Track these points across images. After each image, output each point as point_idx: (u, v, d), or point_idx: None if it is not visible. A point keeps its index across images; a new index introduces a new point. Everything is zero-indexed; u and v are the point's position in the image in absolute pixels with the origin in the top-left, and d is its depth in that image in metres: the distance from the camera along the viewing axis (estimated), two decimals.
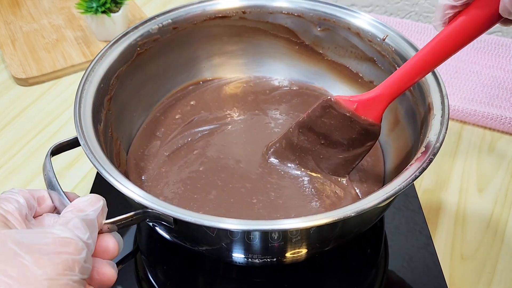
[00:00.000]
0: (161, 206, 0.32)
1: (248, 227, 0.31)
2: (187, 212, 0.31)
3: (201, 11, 0.52)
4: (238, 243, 0.36)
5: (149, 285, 0.44)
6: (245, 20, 0.54)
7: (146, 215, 0.33)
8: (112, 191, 0.34)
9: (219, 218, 0.31)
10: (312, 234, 0.36)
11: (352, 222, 0.37)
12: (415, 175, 0.34)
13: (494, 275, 0.45)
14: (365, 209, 0.31)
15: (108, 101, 0.45)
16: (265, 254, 0.37)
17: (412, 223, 0.48)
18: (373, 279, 0.45)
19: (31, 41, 0.74)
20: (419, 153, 0.36)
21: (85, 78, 0.42)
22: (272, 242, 0.35)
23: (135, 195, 0.33)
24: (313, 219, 0.31)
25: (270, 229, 0.32)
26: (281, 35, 0.55)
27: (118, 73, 0.46)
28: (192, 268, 0.45)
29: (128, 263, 0.46)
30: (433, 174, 0.55)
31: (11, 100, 0.66)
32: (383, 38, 0.48)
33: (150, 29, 0.49)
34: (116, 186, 0.33)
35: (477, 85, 0.64)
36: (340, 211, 0.31)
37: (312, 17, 0.52)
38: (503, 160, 0.56)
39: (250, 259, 0.37)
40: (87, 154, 0.35)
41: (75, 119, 0.38)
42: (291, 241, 0.36)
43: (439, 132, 0.37)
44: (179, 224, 0.33)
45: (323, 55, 0.55)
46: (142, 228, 0.49)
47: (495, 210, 0.51)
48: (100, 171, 0.34)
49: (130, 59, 0.48)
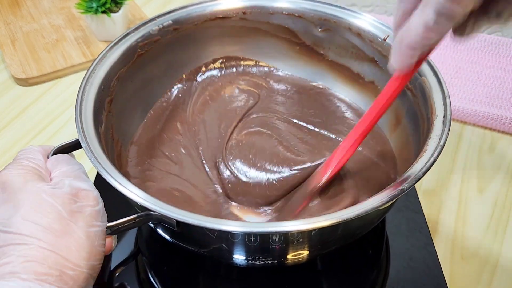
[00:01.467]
0: (163, 209, 0.32)
1: (249, 229, 0.32)
2: (189, 215, 0.31)
3: (202, 11, 0.52)
4: (239, 245, 0.36)
5: (150, 286, 0.44)
6: (245, 20, 0.54)
7: (149, 217, 0.33)
8: (112, 191, 0.34)
9: (221, 220, 0.31)
10: (314, 236, 0.36)
11: (354, 224, 0.37)
12: (418, 176, 0.34)
13: (494, 275, 0.45)
14: (367, 211, 0.31)
15: (109, 102, 0.44)
16: (266, 256, 0.37)
17: (412, 223, 0.48)
18: (374, 279, 0.45)
19: (31, 41, 0.74)
20: (422, 154, 0.36)
21: (85, 80, 0.42)
22: (273, 244, 0.35)
23: (138, 198, 0.33)
24: (315, 221, 0.31)
25: (271, 231, 0.32)
26: (282, 36, 0.55)
27: (118, 75, 0.46)
28: (193, 268, 0.45)
29: (129, 265, 0.46)
30: (433, 174, 0.55)
31: (11, 100, 0.66)
32: (384, 38, 0.48)
33: (151, 30, 0.49)
34: (119, 189, 0.33)
35: (478, 85, 0.64)
36: (341, 213, 0.31)
37: (312, 17, 0.52)
38: (503, 161, 0.56)
39: (251, 261, 0.37)
40: (89, 157, 0.35)
41: (76, 121, 0.38)
42: (292, 243, 0.36)
43: (441, 133, 0.37)
44: (182, 226, 0.33)
45: (324, 55, 0.55)
46: (143, 230, 0.49)
47: (495, 210, 0.51)
48: (102, 174, 0.34)
49: (131, 60, 0.48)
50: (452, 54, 0.70)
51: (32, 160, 0.34)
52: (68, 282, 0.28)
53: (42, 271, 0.27)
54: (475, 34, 0.31)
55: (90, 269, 0.30)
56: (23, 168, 0.33)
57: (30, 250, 0.28)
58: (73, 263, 0.29)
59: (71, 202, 0.31)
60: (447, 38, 0.31)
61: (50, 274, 0.28)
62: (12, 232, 0.28)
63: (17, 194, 0.30)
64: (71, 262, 0.29)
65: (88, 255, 0.30)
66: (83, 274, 0.29)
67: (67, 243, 0.29)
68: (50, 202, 0.30)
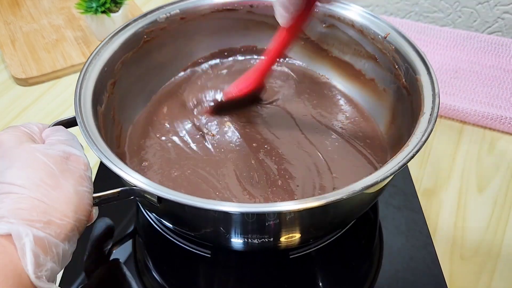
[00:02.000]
0: (145, 184, 0.33)
1: (219, 207, 0.32)
2: (169, 191, 0.32)
3: (209, 2, 0.53)
4: (229, 224, 0.36)
5: (145, 266, 0.45)
6: (252, 14, 0.55)
7: (131, 192, 0.34)
8: (112, 177, 0.35)
9: (200, 199, 0.32)
10: (305, 219, 0.37)
11: (341, 208, 0.38)
12: (394, 169, 0.34)
13: (494, 275, 0.45)
14: (335, 200, 0.32)
15: (111, 84, 0.46)
16: (250, 234, 0.37)
17: (412, 223, 0.48)
18: (374, 279, 0.45)
19: (31, 41, 0.74)
20: (403, 149, 0.36)
21: (89, 61, 0.43)
22: (247, 221, 0.35)
23: (122, 172, 0.34)
24: (303, 202, 0.31)
25: (242, 211, 0.33)
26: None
27: (123, 59, 0.47)
28: (189, 257, 0.46)
29: (127, 244, 0.47)
30: (433, 174, 0.55)
31: (11, 100, 0.66)
32: (385, 36, 0.48)
33: (158, 18, 0.50)
34: (106, 163, 0.34)
35: (477, 85, 0.65)
36: (329, 195, 0.32)
37: (317, 13, 0.53)
38: (503, 160, 0.56)
39: (232, 240, 0.38)
40: (81, 130, 0.37)
41: (75, 98, 0.40)
42: (269, 226, 0.36)
43: (425, 130, 0.37)
44: (164, 202, 0.34)
45: (328, 51, 0.56)
46: (139, 214, 0.50)
47: (495, 210, 0.51)
48: (91, 147, 0.35)
49: (137, 46, 0.49)
50: (452, 54, 0.70)
51: (28, 127, 0.36)
52: (56, 230, 0.30)
53: (30, 218, 0.29)
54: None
55: (77, 221, 0.31)
56: (19, 131, 0.34)
57: (21, 199, 0.29)
58: (61, 213, 0.30)
59: (63, 162, 0.33)
60: (447, 38, 0.31)
61: (38, 221, 0.29)
62: (5, 182, 0.30)
63: (12, 150, 0.32)
64: (60, 212, 0.30)
65: (76, 209, 0.31)
66: (70, 225, 0.31)
67: (57, 195, 0.31)
68: (43, 160, 0.32)
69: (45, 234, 0.29)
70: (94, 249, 0.46)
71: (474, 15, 0.80)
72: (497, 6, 0.77)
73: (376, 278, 0.44)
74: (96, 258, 0.46)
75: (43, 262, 0.28)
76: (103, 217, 0.48)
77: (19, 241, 0.27)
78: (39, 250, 0.28)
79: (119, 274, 0.44)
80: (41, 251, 0.28)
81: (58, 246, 0.30)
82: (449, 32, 0.73)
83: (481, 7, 0.78)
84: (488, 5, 0.77)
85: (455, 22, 0.82)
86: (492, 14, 0.78)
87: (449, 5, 0.80)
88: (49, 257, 0.29)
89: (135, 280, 0.44)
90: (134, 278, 0.44)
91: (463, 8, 0.80)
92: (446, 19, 0.82)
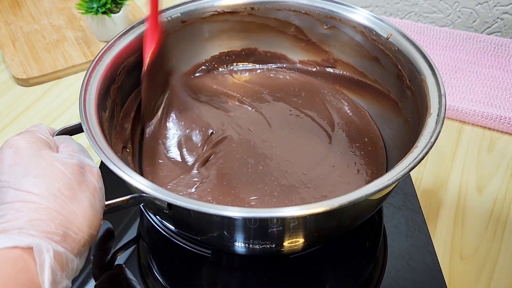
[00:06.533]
0: (155, 191, 0.33)
1: (232, 214, 0.32)
2: (179, 197, 0.32)
3: (210, 5, 0.53)
4: (238, 230, 0.36)
5: (150, 271, 0.45)
6: (253, 16, 0.55)
7: (141, 199, 0.34)
8: (113, 180, 0.35)
9: (210, 204, 0.32)
10: (308, 224, 0.37)
11: (347, 213, 0.38)
12: (405, 172, 0.34)
13: (494, 275, 0.45)
14: (357, 199, 0.32)
15: (114, 90, 0.45)
16: (263, 242, 0.37)
17: (411, 222, 0.48)
18: (373, 278, 0.45)
19: (31, 42, 0.74)
20: (412, 150, 0.36)
21: (92, 66, 0.43)
22: (250, 227, 0.35)
23: (131, 179, 0.33)
24: (307, 208, 0.31)
25: (252, 216, 0.32)
26: (288, 32, 0.56)
27: (125, 64, 0.47)
28: (194, 259, 0.46)
29: (131, 249, 0.47)
30: (432, 173, 0.55)
31: (11, 101, 0.66)
32: (387, 37, 0.48)
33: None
34: (113, 169, 0.34)
35: (477, 85, 0.65)
36: (332, 201, 0.32)
37: (319, 14, 0.53)
38: (502, 160, 0.57)
39: (236, 244, 0.38)
40: (88, 138, 0.36)
41: (80, 105, 0.39)
42: (272, 232, 0.36)
43: (433, 131, 0.37)
44: (173, 209, 0.34)
45: (329, 53, 0.56)
46: (143, 218, 0.49)
47: (495, 209, 0.51)
48: (99, 154, 0.35)
49: (138, 50, 0.49)
50: (451, 54, 0.70)
51: (43, 133, 0.35)
52: (71, 244, 0.29)
53: (49, 230, 0.28)
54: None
55: (90, 236, 0.31)
56: (36, 138, 0.33)
57: (39, 209, 0.28)
58: (77, 227, 0.30)
59: (80, 173, 0.32)
60: (446, 38, 0.31)
61: (56, 234, 0.28)
62: (22, 190, 0.29)
63: (30, 158, 0.31)
64: (76, 226, 0.30)
65: (90, 223, 0.31)
66: (83, 240, 0.30)
67: (74, 208, 0.30)
68: (62, 170, 0.31)
69: (63, 249, 0.28)
70: (98, 252, 0.46)
71: (474, 15, 0.80)
72: (497, 6, 0.77)
73: (380, 281, 0.44)
74: (99, 263, 0.45)
75: (60, 279, 0.28)
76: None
77: (39, 256, 0.27)
78: (57, 266, 0.28)
79: (124, 280, 0.44)
80: (59, 268, 0.28)
81: (73, 261, 0.29)
82: (449, 33, 0.73)
83: (480, 8, 0.78)
84: (487, 5, 0.78)
85: (454, 22, 0.82)
86: (492, 14, 0.78)
87: (448, 5, 0.81)
88: (65, 273, 0.28)
89: (140, 286, 0.43)
90: (139, 283, 0.44)
91: (463, 9, 0.80)
92: (445, 19, 0.83)
